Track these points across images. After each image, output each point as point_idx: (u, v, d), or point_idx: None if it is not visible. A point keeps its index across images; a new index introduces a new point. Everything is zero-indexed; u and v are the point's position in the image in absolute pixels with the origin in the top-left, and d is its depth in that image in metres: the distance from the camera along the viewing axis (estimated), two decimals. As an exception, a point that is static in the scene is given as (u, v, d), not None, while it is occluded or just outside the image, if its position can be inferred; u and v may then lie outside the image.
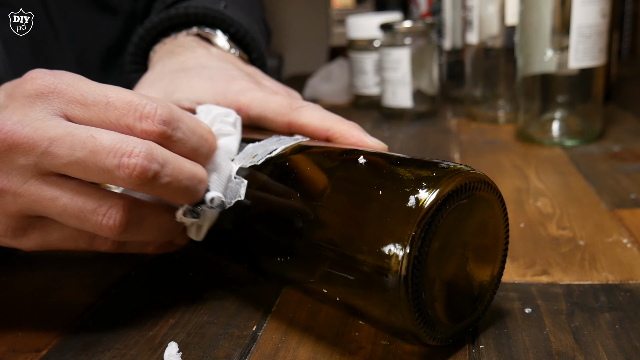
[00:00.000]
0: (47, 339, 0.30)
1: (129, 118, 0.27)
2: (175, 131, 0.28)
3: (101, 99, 0.28)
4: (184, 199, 0.30)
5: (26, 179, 0.27)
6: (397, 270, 0.23)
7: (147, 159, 0.26)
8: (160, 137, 0.28)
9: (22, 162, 0.27)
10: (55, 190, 0.28)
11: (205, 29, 0.45)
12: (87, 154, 0.26)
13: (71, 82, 0.28)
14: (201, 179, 0.29)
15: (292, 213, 0.28)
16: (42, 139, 0.26)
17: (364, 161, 0.27)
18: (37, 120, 0.27)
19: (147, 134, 0.27)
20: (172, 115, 0.28)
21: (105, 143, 0.26)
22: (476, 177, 0.25)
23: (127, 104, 0.27)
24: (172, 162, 0.28)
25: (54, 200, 0.28)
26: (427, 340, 0.25)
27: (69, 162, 0.27)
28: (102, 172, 0.27)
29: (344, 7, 1.17)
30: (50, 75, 0.28)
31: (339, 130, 0.33)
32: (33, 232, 0.30)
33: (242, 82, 0.38)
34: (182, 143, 0.29)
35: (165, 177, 0.27)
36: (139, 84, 0.41)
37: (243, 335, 0.30)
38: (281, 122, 0.35)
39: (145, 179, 0.27)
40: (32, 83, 0.28)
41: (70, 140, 0.26)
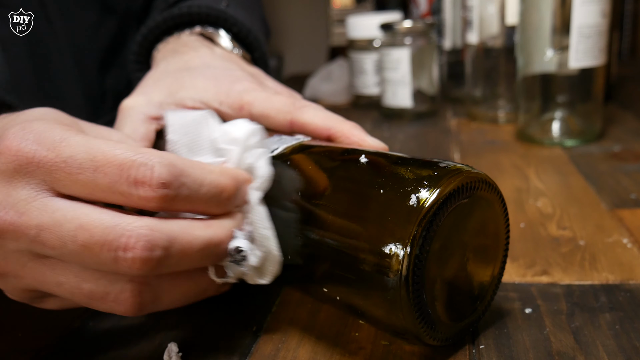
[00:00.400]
0: (47, 339, 0.30)
1: (122, 185, 0.24)
2: (179, 190, 0.24)
3: (87, 165, 0.24)
4: (205, 264, 0.26)
5: (24, 262, 0.25)
6: (398, 270, 0.23)
7: (147, 248, 0.23)
8: (163, 202, 0.24)
9: (14, 247, 0.24)
10: (58, 275, 0.25)
11: (208, 28, 0.45)
12: (79, 248, 0.23)
13: (51, 146, 0.24)
14: (219, 241, 0.26)
15: (293, 212, 0.28)
16: (28, 226, 0.24)
17: (365, 160, 0.27)
18: (20, 202, 0.24)
19: (147, 201, 0.24)
20: (172, 172, 0.24)
21: (97, 235, 0.23)
22: (477, 176, 0.25)
23: (117, 168, 0.24)
24: (178, 239, 0.24)
25: (59, 286, 0.25)
26: (427, 340, 0.25)
27: (62, 253, 0.24)
28: (100, 264, 0.24)
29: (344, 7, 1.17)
30: (26, 141, 0.24)
31: (340, 130, 0.33)
32: (50, 299, 0.27)
33: (246, 82, 0.39)
34: (190, 200, 0.25)
35: (174, 257, 0.24)
36: (143, 82, 0.41)
37: (243, 335, 0.30)
38: (283, 121, 0.35)
39: (149, 269, 0.24)
40: (7, 155, 0.24)
41: (58, 232, 0.23)
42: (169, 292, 0.26)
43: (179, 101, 0.39)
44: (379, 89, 0.79)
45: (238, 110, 0.37)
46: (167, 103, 0.39)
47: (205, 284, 0.27)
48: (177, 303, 0.27)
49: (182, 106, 0.39)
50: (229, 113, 0.38)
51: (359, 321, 0.30)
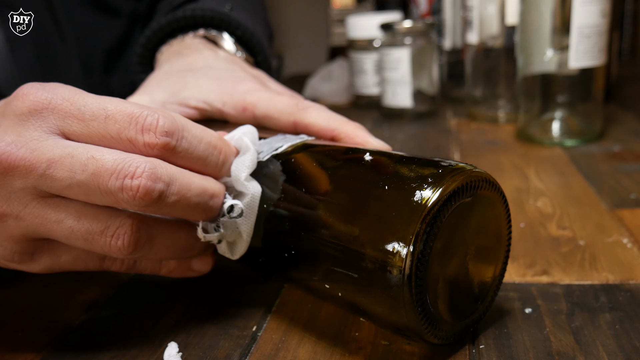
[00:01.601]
0: (47, 339, 0.30)
1: (130, 131, 0.26)
2: (180, 141, 0.27)
3: (100, 113, 0.26)
4: (198, 216, 0.28)
5: (27, 202, 0.26)
6: (401, 267, 0.23)
7: (151, 178, 0.25)
8: (164, 150, 0.26)
9: (20, 184, 0.25)
10: (60, 212, 0.26)
11: (212, 31, 0.45)
12: (88, 177, 0.25)
13: (66, 96, 0.26)
14: (213, 193, 0.28)
15: (297, 209, 0.28)
16: (39, 160, 0.25)
17: (368, 159, 0.27)
18: (32, 140, 0.25)
19: (150, 147, 0.26)
20: (175, 124, 0.26)
21: (107, 164, 0.25)
22: (480, 175, 0.25)
23: (127, 116, 0.26)
24: (178, 179, 0.26)
25: (59, 223, 0.26)
26: (429, 338, 0.25)
27: (69, 184, 0.25)
28: (104, 194, 0.25)
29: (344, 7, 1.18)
30: (43, 90, 0.26)
31: (344, 131, 0.33)
32: (40, 255, 0.28)
33: (249, 83, 0.39)
34: (189, 153, 0.27)
35: (172, 195, 0.26)
36: (146, 83, 0.42)
37: (243, 335, 0.30)
38: (287, 122, 0.35)
39: (150, 200, 0.25)
40: (24, 100, 0.26)
41: (69, 162, 0.25)
42: (161, 237, 0.28)
43: (182, 101, 0.39)
44: (379, 89, 0.79)
45: (241, 111, 0.37)
46: (170, 102, 0.39)
47: (193, 240, 0.29)
48: (166, 252, 0.29)
49: (185, 106, 0.39)
50: (232, 113, 0.38)
51: (359, 321, 0.30)
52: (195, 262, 0.32)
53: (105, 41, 0.56)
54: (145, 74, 0.46)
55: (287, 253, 0.28)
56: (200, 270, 0.32)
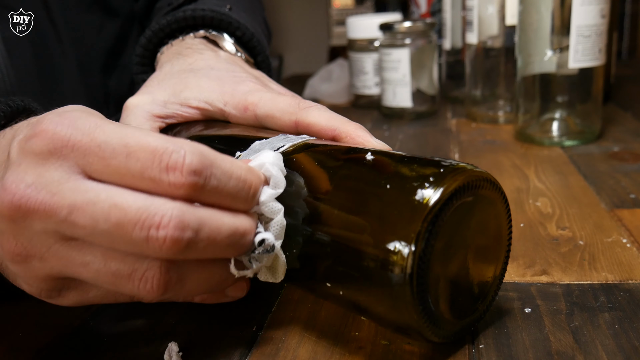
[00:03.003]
0: (47, 339, 0.30)
1: (154, 170, 0.24)
2: (208, 180, 0.25)
3: (121, 150, 0.24)
4: (229, 255, 0.27)
5: (49, 244, 0.25)
6: (403, 266, 0.23)
7: (178, 227, 0.23)
8: (192, 190, 0.24)
9: (41, 227, 0.24)
10: (84, 255, 0.25)
11: (212, 31, 0.45)
12: (111, 227, 0.24)
13: (86, 131, 0.25)
14: (244, 231, 0.26)
15: (299, 209, 0.28)
16: (60, 206, 0.24)
17: (370, 158, 0.27)
18: (53, 183, 0.24)
19: (176, 187, 0.24)
20: (203, 161, 0.24)
21: (130, 214, 0.23)
22: (480, 175, 0.26)
23: (150, 154, 0.24)
24: (207, 223, 0.25)
25: (85, 266, 0.25)
26: (430, 337, 0.25)
27: (92, 232, 0.24)
28: (129, 244, 0.24)
29: (344, 7, 1.18)
30: (62, 125, 0.25)
31: (345, 131, 0.33)
32: (68, 292, 0.27)
33: (250, 83, 0.39)
34: (218, 191, 0.25)
35: (201, 242, 0.24)
36: (147, 83, 0.42)
37: (243, 335, 0.30)
38: (288, 122, 0.35)
39: (178, 250, 0.24)
40: (44, 137, 0.24)
41: (91, 210, 0.24)
42: (193, 276, 0.26)
43: (183, 101, 0.39)
44: (379, 89, 0.79)
45: (243, 111, 0.37)
46: (171, 102, 0.39)
47: (225, 275, 0.28)
48: (198, 289, 0.27)
49: (187, 106, 0.39)
50: (233, 114, 0.38)
51: (359, 321, 0.30)
52: (229, 289, 0.30)
53: (103, 41, 0.56)
54: (145, 75, 0.46)
55: (288, 252, 0.28)
56: (235, 297, 0.31)
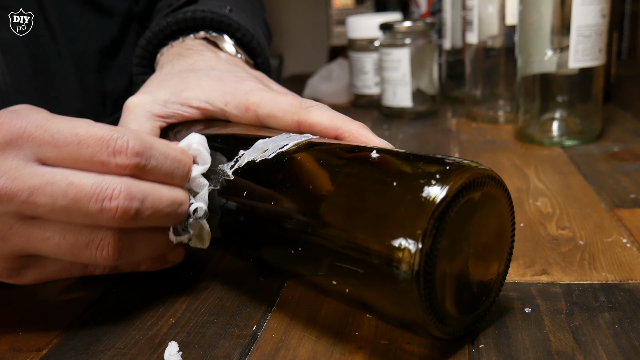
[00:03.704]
0: (47, 339, 0.30)
1: (102, 154, 0.28)
2: (149, 160, 0.29)
3: (72, 139, 0.28)
4: (169, 222, 0.31)
5: (11, 224, 0.28)
6: (410, 263, 0.24)
7: (127, 198, 0.27)
8: (135, 169, 0.28)
9: (3, 210, 0.27)
10: (45, 231, 0.28)
11: (212, 33, 0.45)
12: (69, 202, 0.27)
13: (39, 124, 0.28)
14: (181, 201, 0.31)
15: (305, 206, 0.28)
16: (20, 189, 0.26)
17: (375, 156, 0.28)
18: (11, 169, 0.27)
19: (122, 167, 0.28)
20: (143, 145, 0.29)
21: (86, 189, 0.27)
22: (485, 172, 0.26)
23: (98, 140, 0.28)
24: (150, 194, 0.29)
25: (45, 241, 0.28)
26: (436, 333, 0.25)
27: (52, 209, 0.27)
28: (85, 216, 0.27)
29: (344, 7, 1.18)
30: (17, 119, 0.28)
31: (348, 130, 0.33)
32: (27, 270, 0.30)
33: (251, 83, 0.39)
34: (157, 170, 0.29)
35: (147, 210, 0.28)
36: (148, 83, 0.41)
37: (243, 335, 0.30)
38: (290, 121, 0.35)
39: (127, 218, 0.28)
40: (0, 130, 0.27)
41: (50, 189, 0.27)
42: (141, 243, 0.30)
43: (184, 100, 0.39)
44: (379, 88, 0.79)
45: (244, 111, 0.37)
46: (172, 102, 0.39)
47: (166, 242, 0.32)
48: (145, 255, 0.31)
49: (187, 105, 0.39)
50: (234, 113, 0.38)
51: (359, 320, 0.30)
52: (169, 255, 0.34)
53: (99, 41, 0.56)
54: (145, 76, 0.46)
55: (294, 250, 0.28)
56: (175, 261, 0.35)
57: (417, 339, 0.28)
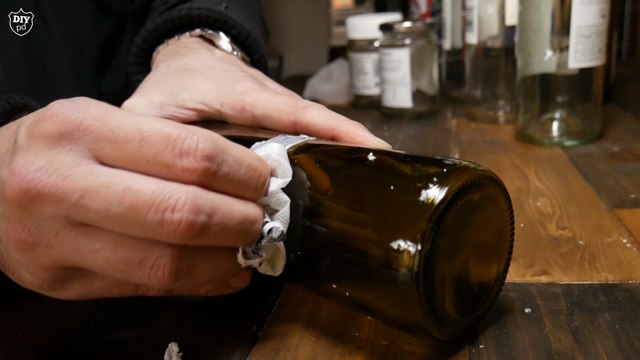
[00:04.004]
0: (47, 339, 0.30)
1: (168, 155, 0.24)
2: (221, 166, 0.25)
3: (134, 135, 0.24)
4: (238, 242, 0.27)
5: (58, 230, 0.24)
6: (409, 265, 0.24)
7: (193, 211, 0.23)
8: (205, 175, 0.24)
9: (51, 212, 0.24)
10: (94, 242, 0.25)
11: (208, 30, 0.45)
12: (125, 210, 0.23)
13: (98, 116, 0.24)
14: (254, 219, 0.26)
15: (303, 210, 0.28)
16: (72, 189, 0.23)
17: (373, 158, 0.28)
18: (64, 166, 0.24)
19: (189, 172, 0.24)
20: (215, 148, 0.25)
21: (145, 196, 0.23)
22: (483, 173, 0.26)
23: (163, 139, 0.24)
24: (220, 208, 0.25)
25: (94, 253, 0.25)
26: (436, 335, 0.26)
27: (105, 216, 0.24)
28: (143, 228, 0.24)
29: (344, 7, 1.18)
30: (73, 110, 0.24)
31: (344, 130, 0.33)
32: (72, 283, 0.27)
33: (247, 83, 0.39)
34: (229, 178, 0.25)
35: (215, 227, 0.24)
36: (143, 85, 0.41)
37: (243, 335, 0.30)
38: (286, 122, 0.35)
39: (191, 234, 0.24)
40: (54, 120, 0.24)
41: (105, 193, 0.23)
42: (202, 265, 0.26)
43: (180, 103, 0.39)
44: (379, 89, 0.79)
45: (240, 112, 0.37)
46: (167, 104, 0.39)
47: (232, 265, 0.28)
48: (206, 279, 0.27)
49: (183, 107, 0.39)
50: (230, 114, 0.37)
51: (359, 321, 0.30)
52: (233, 280, 0.30)
53: (96, 40, 0.56)
54: (141, 75, 0.46)
55: (293, 254, 0.28)
56: (238, 287, 0.31)
57: (417, 339, 0.28)
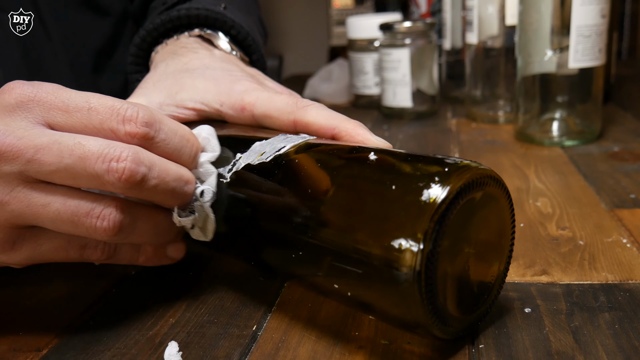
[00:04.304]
0: (47, 339, 0.30)
1: (112, 122, 0.28)
2: (158, 132, 0.29)
3: (83, 105, 0.28)
4: (174, 201, 0.30)
5: (12, 187, 0.27)
6: (411, 265, 0.24)
7: (135, 162, 0.27)
8: (144, 139, 0.28)
9: (7, 170, 0.27)
10: (46, 196, 0.28)
11: (207, 30, 0.45)
12: (75, 160, 0.27)
13: (50, 91, 0.28)
14: (187, 179, 0.30)
15: (304, 210, 0.28)
16: (27, 147, 0.26)
17: (374, 158, 0.27)
18: (19, 129, 0.27)
19: (131, 136, 0.28)
20: (153, 117, 0.29)
21: (94, 149, 0.27)
22: (485, 172, 0.26)
23: (109, 109, 0.28)
24: (158, 164, 0.28)
25: (46, 207, 0.28)
26: (438, 334, 0.26)
27: (57, 169, 0.27)
28: (91, 177, 0.27)
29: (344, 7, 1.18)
30: (28, 85, 0.28)
31: (344, 129, 0.33)
32: (22, 244, 0.30)
33: (246, 83, 0.38)
34: (165, 144, 0.29)
35: (153, 179, 0.28)
36: (142, 84, 0.41)
37: (243, 335, 0.30)
38: (286, 121, 0.35)
39: (133, 182, 0.27)
40: (11, 93, 0.28)
41: (57, 148, 0.27)
42: (144, 218, 0.30)
43: (179, 102, 0.39)
44: (379, 89, 0.79)
45: (240, 112, 0.37)
46: (167, 104, 0.39)
47: (170, 224, 0.31)
48: (147, 234, 0.31)
49: (183, 107, 0.39)
50: (230, 114, 0.37)
51: (359, 320, 0.30)
52: (170, 249, 0.34)
53: (94, 41, 0.55)
54: (140, 75, 0.46)
55: (294, 254, 0.28)
56: (175, 257, 0.34)
57: (417, 338, 0.28)
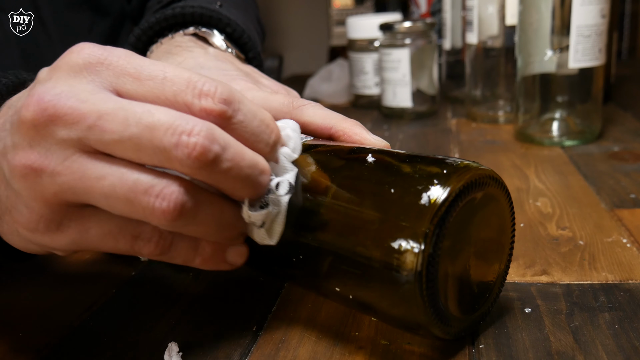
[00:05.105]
0: (47, 339, 0.30)
1: (187, 95, 0.25)
2: (235, 112, 0.25)
3: (158, 74, 0.25)
4: (245, 190, 0.26)
5: (67, 155, 0.24)
6: (413, 267, 0.24)
7: (208, 138, 0.24)
8: (220, 118, 0.25)
9: (64, 135, 0.24)
10: (102, 168, 0.24)
11: (202, 28, 0.45)
12: (142, 130, 0.23)
13: (123, 55, 0.25)
14: (263, 169, 0.26)
15: (303, 212, 0.28)
16: (90, 111, 0.24)
17: (373, 159, 0.27)
18: (84, 92, 0.24)
19: (206, 112, 0.25)
20: (232, 95, 0.25)
21: (164, 119, 0.24)
22: (484, 173, 0.26)
23: (185, 80, 0.25)
24: (233, 146, 0.25)
25: (100, 180, 0.24)
26: (439, 334, 0.26)
27: (120, 138, 0.24)
28: (157, 151, 0.24)
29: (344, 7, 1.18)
30: (100, 48, 0.25)
31: (341, 128, 0.33)
32: (69, 225, 0.26)
33: (241, 82, 0.38)
34: (242, 126, 0.26)
35: (227, 161, 0.25)
36: None
37: (243, 335, 0.30)
38: None
39: (205, 161, 0.24)
40: (80, 53, 0.25)
41: (123, 115, 0.24)
42: (208, 205, 0.26)
43: None
44: (379, 89, 0.79)
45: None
46: None
47: (236, 218, 0.27)
48: (210, 225, 0.27)
49: None
50: None
51: (359, 321, 0.30)
52: (230, 253, 0.30)
53: (93, 40, 0.55)
54: None
55: (294, 257, 0.28)
56: (234, 263, 0.30)
57: (417, 339, 0.28)
